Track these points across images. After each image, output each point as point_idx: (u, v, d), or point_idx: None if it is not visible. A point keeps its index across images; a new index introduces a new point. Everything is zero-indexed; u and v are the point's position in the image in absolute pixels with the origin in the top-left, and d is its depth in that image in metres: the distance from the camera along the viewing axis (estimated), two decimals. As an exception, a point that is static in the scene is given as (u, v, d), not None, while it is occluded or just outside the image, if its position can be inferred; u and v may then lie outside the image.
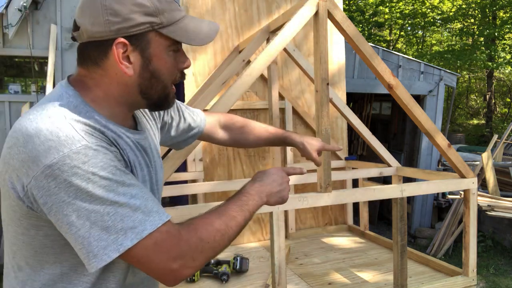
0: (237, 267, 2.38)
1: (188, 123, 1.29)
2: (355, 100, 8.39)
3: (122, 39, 0.84)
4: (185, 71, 1.00)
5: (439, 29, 16.35)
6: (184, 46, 0.99)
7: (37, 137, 0.75)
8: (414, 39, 17.35)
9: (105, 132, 0.84)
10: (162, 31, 0.87)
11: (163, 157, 1.92)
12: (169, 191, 2.45)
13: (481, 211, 4.93)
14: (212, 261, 2.42)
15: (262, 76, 3.07)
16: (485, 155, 5.54)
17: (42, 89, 4.75)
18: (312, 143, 1.49)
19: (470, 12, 14.06)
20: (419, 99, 6.23)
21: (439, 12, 14.67)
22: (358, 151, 7.82)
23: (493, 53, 12.25)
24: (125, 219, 0.76)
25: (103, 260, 0.75)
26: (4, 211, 0.85)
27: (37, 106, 0.83)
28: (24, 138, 0.76)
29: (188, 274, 0.82)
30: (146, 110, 1.10)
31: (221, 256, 2.67)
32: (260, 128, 1.47)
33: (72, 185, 0.74)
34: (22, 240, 0.84)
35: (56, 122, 0.77)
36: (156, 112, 1.15)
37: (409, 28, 16.28)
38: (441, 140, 2.10)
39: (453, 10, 14.59)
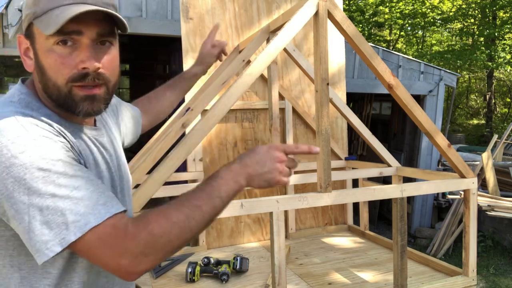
0: (237, 267, 2.38)
1: (134, 112, 1.29)
2: (355, 100, 8.40)
3: (20, 34, 0.86)
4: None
5: (439, 29, 16.34)
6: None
7: None
8: (414, 39, 17.35)
9: (52, 124, 0.82)
10: (34, 22, 0.82)
11: (162, 158, 1.92)
12: (169, 191, 2.45)
13: (481, 211, 4.93)
14: (212, 261, 2.42)
15: (262, 76, 3.07)
16: (485, 155, 5.54)
17: (42, 89, 4.75)
18: (206, 50, 1.63)
19: (470, 12, 14.05)
20: (419, 99, 6.23)
21: (439, 12, 14.66)
22: (358, 151, 7.82)
23: (493, 53, 12.24)
24: (66, 213, 0.72)
25: (46, 255, 0.72)
26: None
27: None
28: None
29: (144, 269, 0.78)
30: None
31: (221, 256, 2.68)
32: (161, 89, 1.50)
33: (10, 176, 0.71)
34: None
35: (2, 116, 0.76)
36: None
37: (409, 28, 16.28)
38: (441, 140, 2.10)
39: (453, 10, 14.58)
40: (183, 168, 2.87)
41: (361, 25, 14.94)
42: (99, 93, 0.86)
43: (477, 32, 13.71)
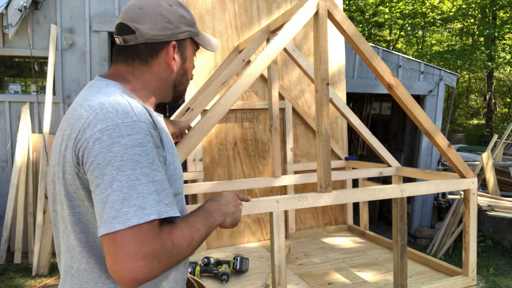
0: (237, 267, 2.38)
1: None
2: (355, 100, 8.39)
3: (174, 42, 1.05)
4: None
5: (439, 29, 16.33)
6: None
7: (100, 109, 0.87)
8: (414, 39, 17.34)
9: (152, 114, 0.95)
10: (195, 39, 1.12)
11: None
12: (169, 191, 2.44)
13: (481, 211, 4.93)
14: (212, 261, 2.42)
15: (262, 76, 3.07)
16: (485, 155, 5.54)
17: (42, 89, 4.74)
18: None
19: (470, 12, 14.04)
20: (419, 99, 6.23)
21: (439, 12, 14.65)
22: (358, 151, 7.82)
23: (493, 53, 12.23)
24: (140, 197, 0.81)
25: (108, 229, 0.79)
26: (60, 191, 0.93)
27: (92, 93, 0.95)
28: (88, 112, 0.88)
29: (146, 277, 0.81)
30: None
31: (221, 256, 2.68)
32: None
33: (111, 151, 0.82)
34: (75, 215, 0.91)
35: (116, 99, 0.90)
36: None
37: (409, 28, 16.27)
38: (441, 140, 2.10)
39: (453, 10, 14.57)
40: (183, 168, 2.87)
41: (361, 25, 14.93)
42: None
43: (477, 32, 13.70)
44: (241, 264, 2.39)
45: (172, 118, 2.72)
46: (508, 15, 12.95)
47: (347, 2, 14.81)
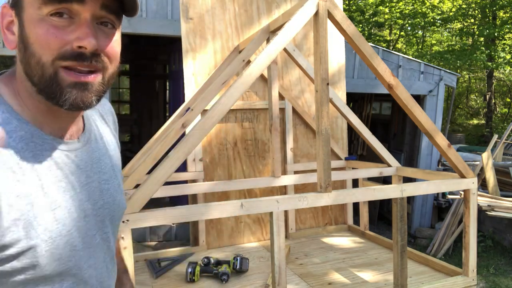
0: (237, 267, 2.38)
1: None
2: (355, 100, 8.40)
3: (5, 3, 0.68)
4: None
5: (439, 29, 16.34)
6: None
7: None
8: (414, 39, 17.35)
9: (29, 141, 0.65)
10: None
11: (162, 158, 1.92)
12: (169, 191, 2.45)
13: (481, 211, 4.93)
14: (212, 261, 2.42)
15: (262, 76, 3.07)
16: (485, 155, 5.54)
17: (42, 89, 4.75)
18: None
19: (470, 12, 14.05)
20: (419, 99, 6.23)
21: (439, 12, 14.66)
22: (358, 151, 7.83)
23: (493, 53, 12.24)
24: None
25: None
26: None
27: None
28: None
29: None
30: (105, 111, 0.91)
31: (221, 256, 2.68)
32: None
33: None
34: None
35: None
36: (110, 117, 0.92)
37: (409, 28, 16.28)
38: (441, 140, 2.10)
39: (453, 10, 14.59)
40: (183, 168, 2.87)
41: (361, 25, 14.94)
42: (93, 81, 0.68)
43: (477, 32, 13.71)
44: (241, 264, 2.39)
45: (172, 118, 2.72)
46: (508, 15, 12.96)
47: (347, 2, 14.81)
